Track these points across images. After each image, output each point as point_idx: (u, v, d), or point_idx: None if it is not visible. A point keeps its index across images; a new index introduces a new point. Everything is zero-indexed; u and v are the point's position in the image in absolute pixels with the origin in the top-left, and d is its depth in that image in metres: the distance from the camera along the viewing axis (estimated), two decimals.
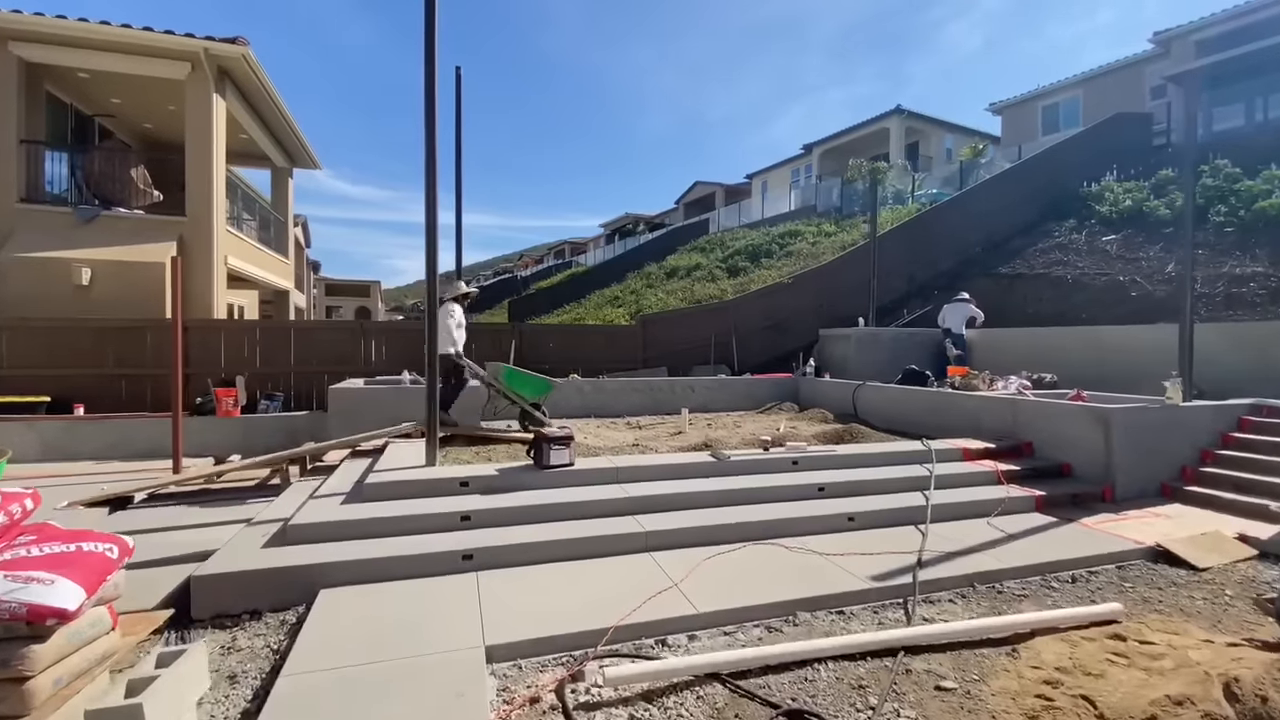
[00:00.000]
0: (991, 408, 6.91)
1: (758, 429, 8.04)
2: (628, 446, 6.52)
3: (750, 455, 5.46)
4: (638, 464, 5.08)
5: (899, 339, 10.93)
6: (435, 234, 4.95)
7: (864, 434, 6.86)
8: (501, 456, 5.80)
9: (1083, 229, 12.14)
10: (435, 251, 4.99)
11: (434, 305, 5.08)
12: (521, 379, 7.03)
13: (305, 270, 31.48)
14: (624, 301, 22.43)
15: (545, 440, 4.79)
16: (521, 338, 10.51)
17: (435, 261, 5.03)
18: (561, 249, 56.18)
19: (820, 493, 5.11)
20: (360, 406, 7.52)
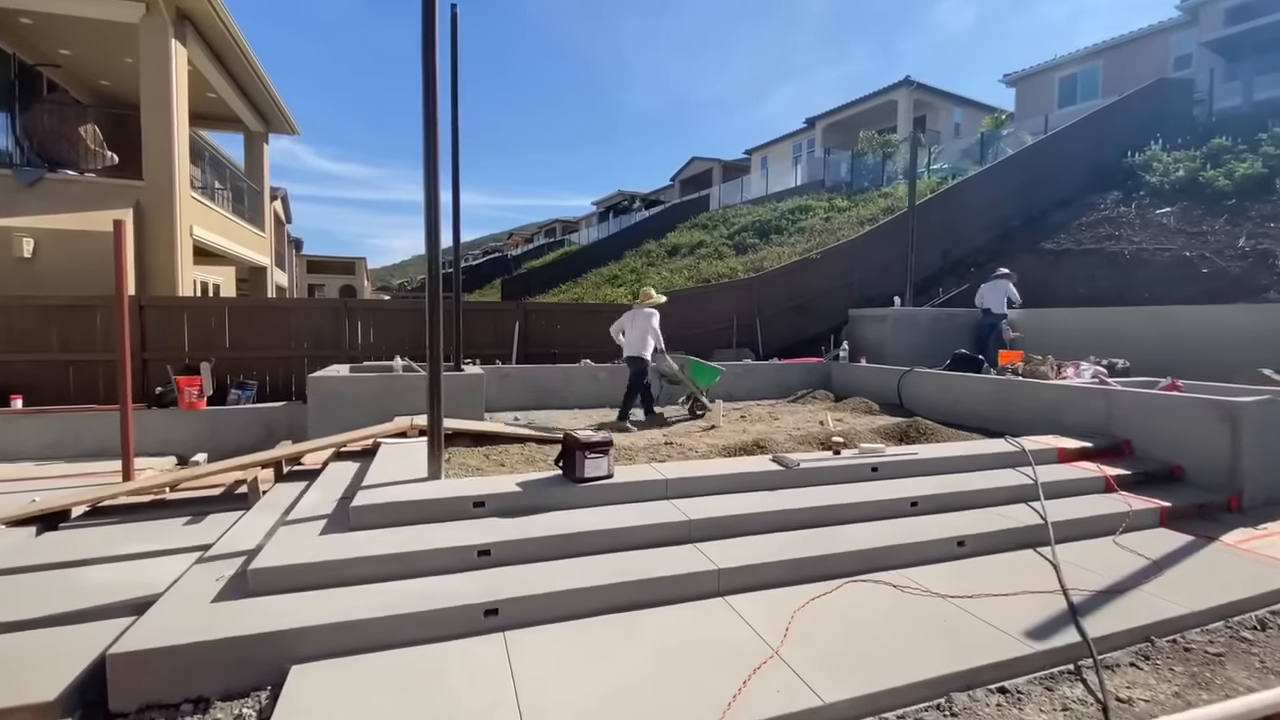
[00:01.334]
0: (1077, 399, 6.02)
1: (797, 421, 7.13)
2: (660, 445, 5.57)
3: (820, 460, 4.52)
4: (689, 474, 4.12)
5: (938, 320, 10.02)
6: (436, 196, 3.91)
7: (931, 430, 5.95)
8: (517, 462, 4.82)
9: (1131, 201, 11.24)
10: (437, 214, 3.95)
11: (436, 281, 4.04)
12: (700, 369, 7.65)
13: (287, 247, 29.98)
14: (624, 280, 21.35)
15: (578, 447, 3.82)
16: (526, 319, 9.48)
17: (437, 229, 3.99)
18: (552, 227, 54.70)
19: (914, 508, 4.20)
20: (345, 398, 6.49)
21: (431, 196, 3.89)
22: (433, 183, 3.90)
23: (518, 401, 7.90)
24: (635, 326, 7.17)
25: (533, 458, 4.99)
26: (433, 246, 3.98)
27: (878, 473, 4.58)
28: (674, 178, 40.36)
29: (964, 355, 8.37)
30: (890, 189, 18.59)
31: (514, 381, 7.94)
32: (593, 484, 3.85)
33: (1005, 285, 9.52)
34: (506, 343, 9.32)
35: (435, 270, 3.98)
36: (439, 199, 3.93)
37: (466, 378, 6.85)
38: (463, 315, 7.69)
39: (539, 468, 4.69)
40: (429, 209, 3.89)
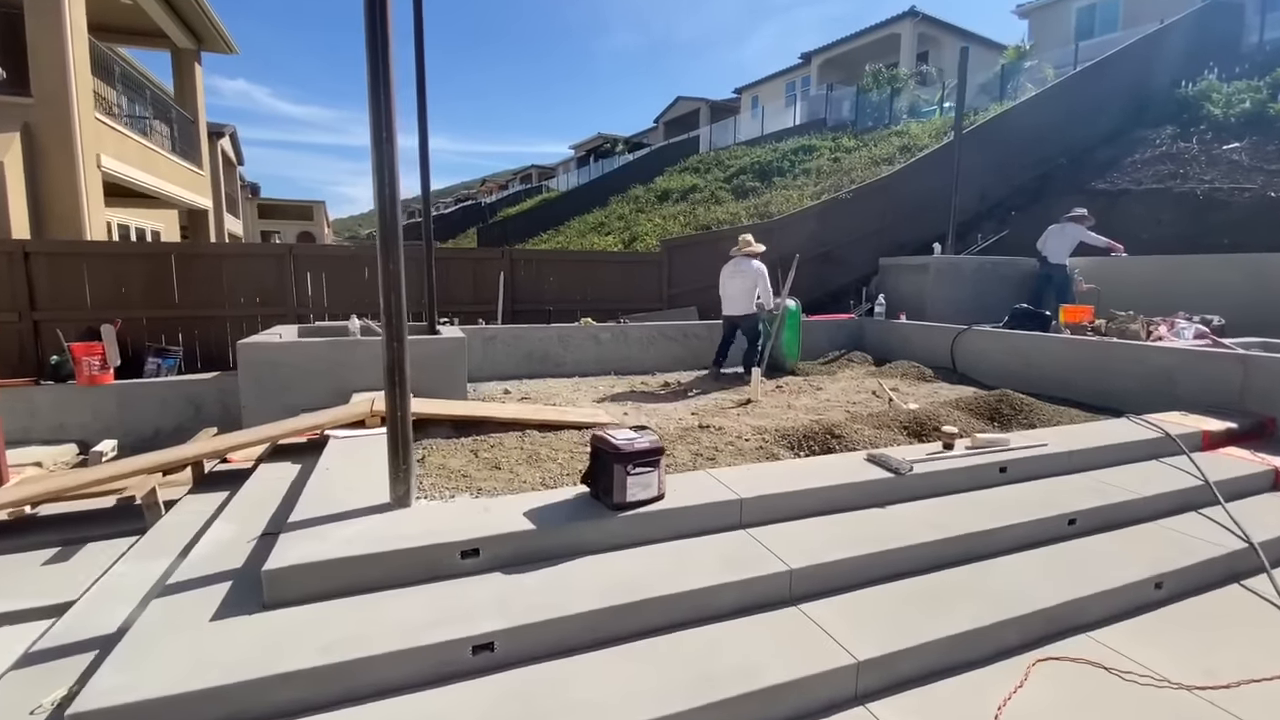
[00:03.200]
0: (1200, 366, 4.92)
1: (845, 392, 5.95)
2: (694, 429, 4.35)
3: (933, 461, 3.33)
4: (769, 489, 2.89)
5: (982, 270, 8.82)
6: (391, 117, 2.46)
7: (1029, 407, 4.80)
8: (517, 461, 3.55)
9: (1190, 135, 10.02)
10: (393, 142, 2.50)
11: (394, 215, 2.62)
12: (795, 325, 6.88)
13: (240, 191, 27.43)
14: (612, 228, 19.73)
15: (618, 457, 2.53)
16: (514, 269, 8.02)
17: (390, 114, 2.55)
18: (528, 174, 51.97)
19: (1072, 526, 3.06)
20: (287, 370, 5.09)
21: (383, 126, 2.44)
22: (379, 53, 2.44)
23: (506, 369, 6.58)
24: (735, 278, 6.50)
25: (537, 454, 3.72)
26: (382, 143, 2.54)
27: (1006, 474, 3.42)
28: (658, 119, 38.04)
29: (1027, 311, 7.22)
30: (901, 127, 17.09)
31: (501, 345, 6.60)
32: (639, 512, 2.60)
33: (1077, 232, 8.20)
34: (488, 298, 7.91)
35: (390, 176, 2.55)
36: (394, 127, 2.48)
37: (444, 343, 5.48)
38: (436, 265, 6.28)
39: (548, 470, 3.44)
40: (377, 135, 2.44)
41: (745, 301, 6.43)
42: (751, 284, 6.40)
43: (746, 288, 6.41)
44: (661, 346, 7.24)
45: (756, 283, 6.40)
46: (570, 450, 3.82)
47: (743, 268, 6.45)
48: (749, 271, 6.42)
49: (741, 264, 6.48)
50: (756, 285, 6.41)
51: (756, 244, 6.56)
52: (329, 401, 4.90)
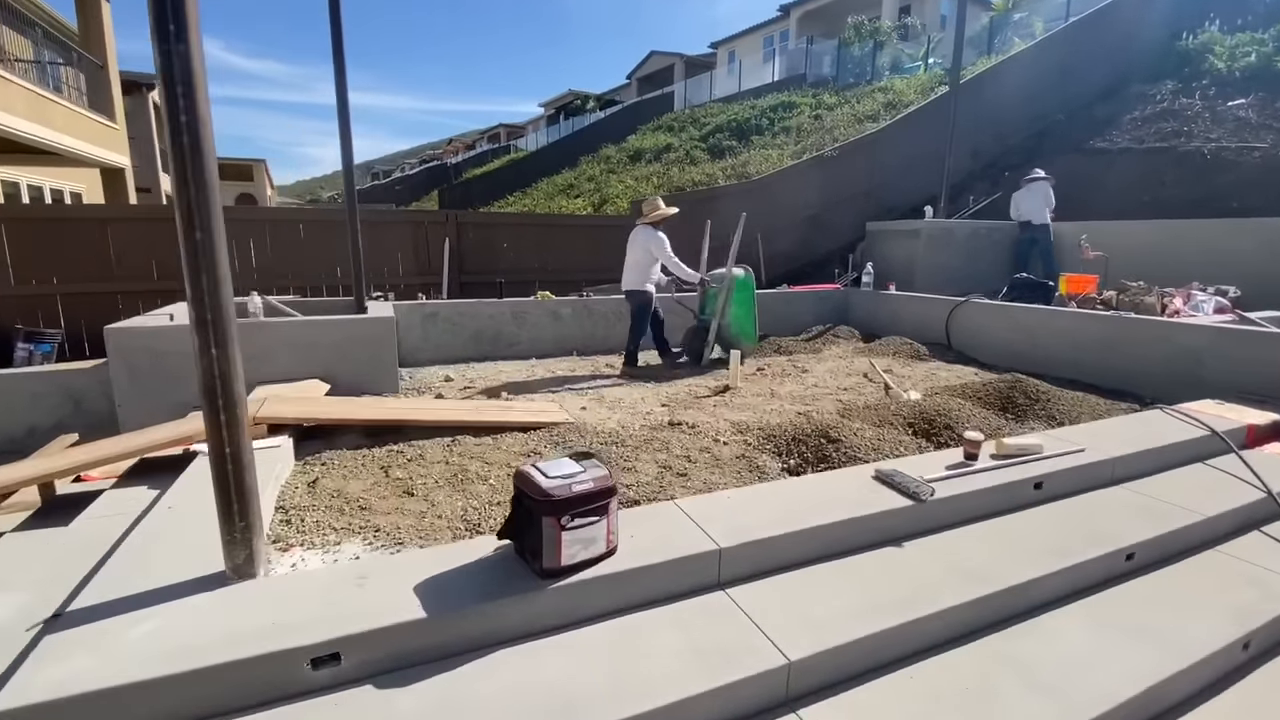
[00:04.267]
0: (1233, 347, 4.38)
1: (834, 374, 5.31)
2: (661, 430, 3.65)
3: (956, 480, 2.67)
4: (755, 532, 2.19)
5: (975, 236, 8.20)
6: None
7: (1046, 395, 4.21)
8: (435, 484, 2.82)
9: (1193, 91, 9.41)
10: None
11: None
12: (745, 298, 5.80)
13: None
14: (581, 190, 18.67)
15: (547, 506, 1.80)
16: (460, 234, 7.10)
17: None
18: (496, 133, 49.70)
19: (1129, 561, 2.45)
20: (171, 360, 4.22)
21: None
22: None
23: (451, 351, 5.76)
24: (633, 249, 5.55)
25: (465, 471, 2.98)
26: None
27: (1042, 490, 2.79)
28: (630, 75, 36.38)
29: (1029, 281, 6.64)
30: (885, 83, 16.21)
31: (444, 324, 5.76)
32: (579, 578, 1.88)
33: (1045, 189, 7.70)
34: (433, 268, 7.01)
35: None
36: None
37: (367, 324, 4.64)
38: (369, 230, 5.39)
39: (475, 495, 2.71)
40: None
41: (634, 276, 5.49)
42: (643, 256, 5.44)
43: (637, 260, 5.47)
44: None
45: (651, 254, 5.42)
46: (508, 464, 3.09)
47: (638, 237, 5.50)
48: (641, 240, 5.47)
49: (638, 233, 5.52)
50: (651, 258, 5.43)
51: (666, 207, 5.57)
52: None
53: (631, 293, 5.54)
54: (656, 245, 5.42)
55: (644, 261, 5.46)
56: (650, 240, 5.44)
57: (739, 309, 5.73)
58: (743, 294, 5.74)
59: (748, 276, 5.78)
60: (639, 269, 5.48)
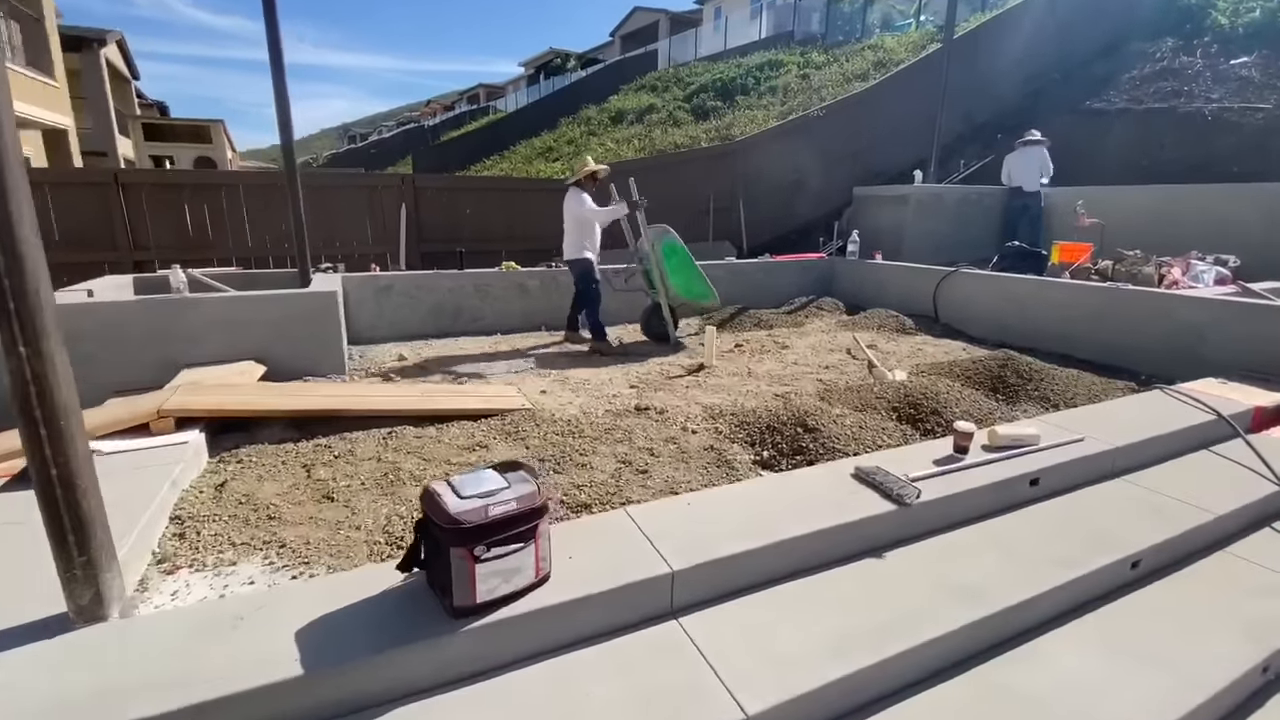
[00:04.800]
0: (1235, 321, 4.12)
1: (815, 349, 5.02)
2: (626, 416, 3.35)
3: (944, 477, 2.39)
4: (714, 549, 1.89)
5: (966, 201, 7.86)
6: None
7: (1039, 373, 3.94)
8: (365, 490, 2.49)
9: (1194, 48, 9.01)
10: None
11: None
12: (682, 261, 5.17)
13: (139, 112, 24.02)
14: (560, 153, 17.98)
15: (456, 535, 1.48)
16: (418, 199, 6.61)
17: None
18: (476, 93, 48.00)
19: (1134, 570, 2.20)
20: (89, 341, 3.79)
21: None
22: None
23: (408, 327, 5.37)
24: (565, 214, 5.12)
25: (398, 470, 2.65)
26: None
27: (1038, 486, 2.53)
28: (614, 33, 35.06)
29: (1021, 250, 6.35)
30: (875, 40, 15.58)
31: (400, 298, 5.35)
32: (499, 617, 1.57)
33: (1040, 154, 7.36)
34: (390, 237, 6.54)
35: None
36: None
37: (306, 300, 4.23)
38: (320, 195, 4.92)
39: (403, 501, 2.40)
40: None
41: (570, 241, 5.10)
42: (572, 221, 5.04)
43: (569, 225, 5.09)
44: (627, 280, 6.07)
45: (582, 221, 5.00)
46: (449, 460, 2.77)
47: (568, 201, 5.09)
48: (569, 203, 5.06)
49: (569, 197, 5.10)
50: (580, 224, 5.01)
51: (597, 165, 5.14)
52: (156, 380, 3.69)
53: (571, 261, 5.13)
54: (576, 204, 5.02)
55: (574, 226, 5.06)
56: (571, 200, 5.05)
57: (678, 274, 5.16)
58: (674, 257, 5.16)
59: (670, 238, 5.16)
60: (571, 234, 5.08)
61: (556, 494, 2.44)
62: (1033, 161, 7.45)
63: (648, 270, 5.18)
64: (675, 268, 5.12)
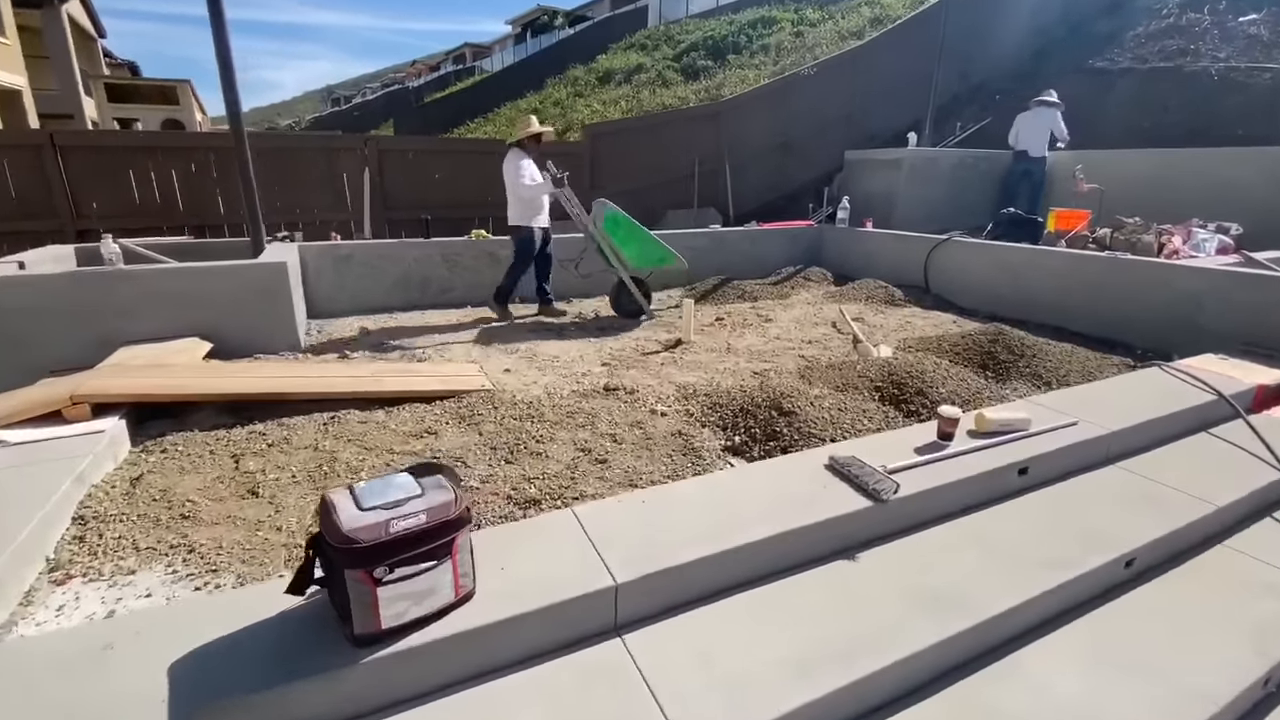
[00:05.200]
0: (1237, 292, 3.93)
1: (799, 323, 4.82)
2: (593, 396, 3.15)
3: (926, 467, 2.19)
4: (665, 558, 1.69)
5: (962, 166, 7.56)
6: None
7: (1032, 349, 3.74)
8: (295, 483, 2.29)
9: (1202, 4, 8.60)
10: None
11: None
12: (629, 231, 4.79)
13: (105, 71, 22.97)
14: (546, 115, 17.34)
15: (351, 555, 1.27)
16: (382, 163, 6.25)
17: None
18: (461, 53, 46.43)
19: (1128, 569, 2.03)
20: (17, 316, 3.52)
21: None
22: None
23: (372, 299, 5.09)
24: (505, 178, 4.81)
25: (333, 461, 2.44)
26: None
27: (1026, 476, 2.34)
28: None
29: (1016, 217, 6.10)
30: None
31: (362, 268, 5.05)
32: (409, 645, 1.37)
33: (1052, 117, 7.03)
34: (353, 203, 6.20)
35: None
36: None
37: (254, 271, 3.95)
38: (277, 158, 4.58)
39: None
40: None
41: (510, 209, 4.79)
42: (510, 189, 4.74)
43: (510, 193, 4.78)
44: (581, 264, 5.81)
45: (515, 186, 4.68)
46: (392, 449, 2.56)
47: (506, 166, 4.77)
48: (507, 172, 4.75)
49: (506, 160, 4.78)
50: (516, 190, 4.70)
51: (540, 125, 4.84)
52: (93, 359, 3.43)
53: (511, 228, 4.85)
54: (512, 170, 4.70)
55: (511, 192, 4.78)
56: (508, 165, 4.74)
57: (630, 246, 4.79)
58: (618, 229, 4.77)
59: (609, 210, 4.77)
60: (510, 200, 4.80)
61: (504, 488, 2.23)
62: (1043, 124, 7.07)
63: (600, 249, 4.88)
64: (623, 239, 4.78)
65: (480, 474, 2.33)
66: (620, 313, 4.96)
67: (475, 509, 2.10)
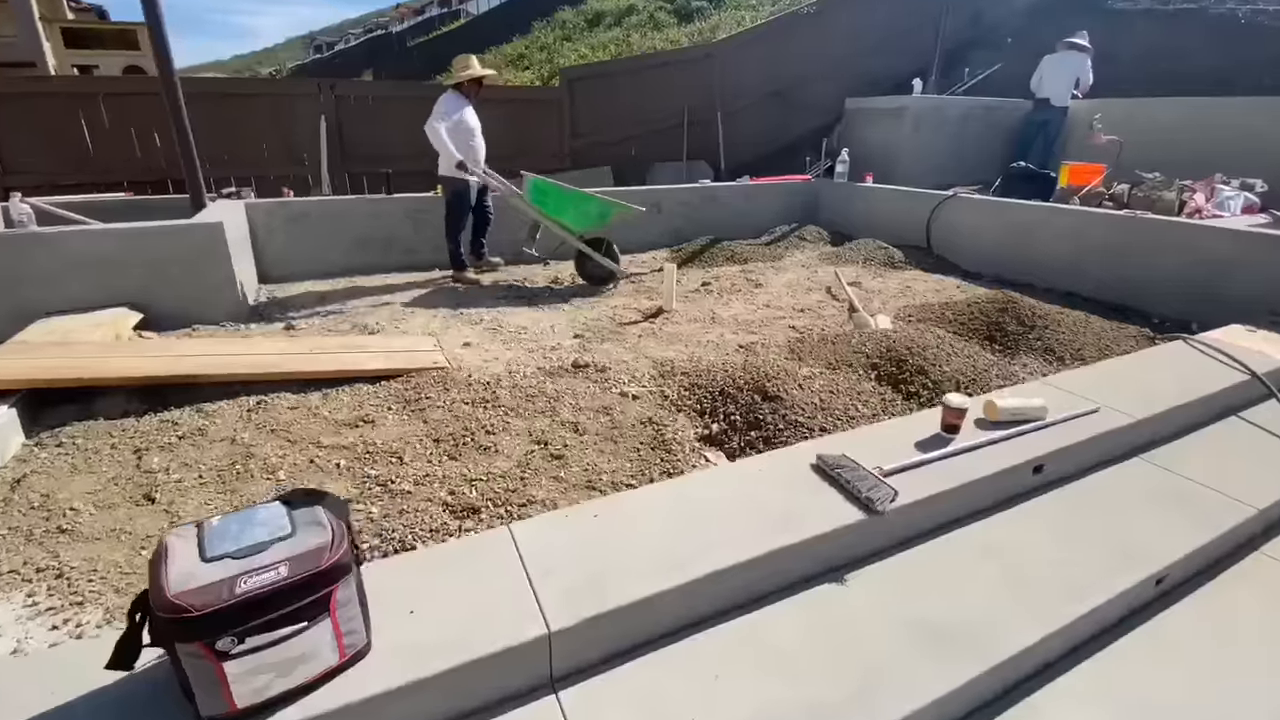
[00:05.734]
0: (1266, 255, 3.58)
1: (791, 288, 4.50)
2: (559, 375, 2.85)
3: (928, 466, 1.90)
4: (615, 596, 1.40)
5: (971, 116, 7.07)
6: None
7: (1044, 319, 3.42)
8: (201, 485, 1.99)
9: None
10: None
11: None
12: (558, 197, 4.36)
13: (67, 15, 21.58)
14: (532, 61, 16.49)
15: (173, 625, 0.97)
16: (340, 110, 5.73)
17: None
18: None
19: (1158, 587, 1.76)
20: None
21: None
22: None
23: (329, 261, 4.69)
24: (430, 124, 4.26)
25: (249, 458, 2.13)
26: None
27: (1041, 474, 2.05)
28: None
29: (1027, 172, 5.68)
30: None
31: (318, 227, 4.64)
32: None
33: (1080, 63, 6.50)
34: (310, 156, 5.71)
35: None
36: None
37: (185, 232, 3.56)
38: (219, 104, 4.12)
39: (251, 497, 1.89)
40: None
41: (443, 158, 4.33)
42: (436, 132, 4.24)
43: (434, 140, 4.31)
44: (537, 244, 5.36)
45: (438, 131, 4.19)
46: (319, 441, 2.25)
47: (435, 109, 4.29)
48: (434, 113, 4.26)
49: (438, 103, 4.32)
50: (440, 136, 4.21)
51: (480, 67, 4.42)
52: (8, 333, 3.07)
53: (441, 179, 4.43)
54: (436, 114, 4.23)
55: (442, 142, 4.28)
56: (436, 109, 4.26)
57: (566, 211, 4.34)
58: (549, 198, 4.35)
59: (530, 182, 4.34)
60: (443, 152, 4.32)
61: (441, 492, 1.94)
62: (1069, 70, 6.49)
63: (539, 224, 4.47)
64: (555, 207, 4.35)
65: (416, 474, 2.02)
66: (590, 281, 4.59)
67: (405, 518, 1.80)
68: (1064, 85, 6.55)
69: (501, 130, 5.73)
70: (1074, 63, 6.43)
